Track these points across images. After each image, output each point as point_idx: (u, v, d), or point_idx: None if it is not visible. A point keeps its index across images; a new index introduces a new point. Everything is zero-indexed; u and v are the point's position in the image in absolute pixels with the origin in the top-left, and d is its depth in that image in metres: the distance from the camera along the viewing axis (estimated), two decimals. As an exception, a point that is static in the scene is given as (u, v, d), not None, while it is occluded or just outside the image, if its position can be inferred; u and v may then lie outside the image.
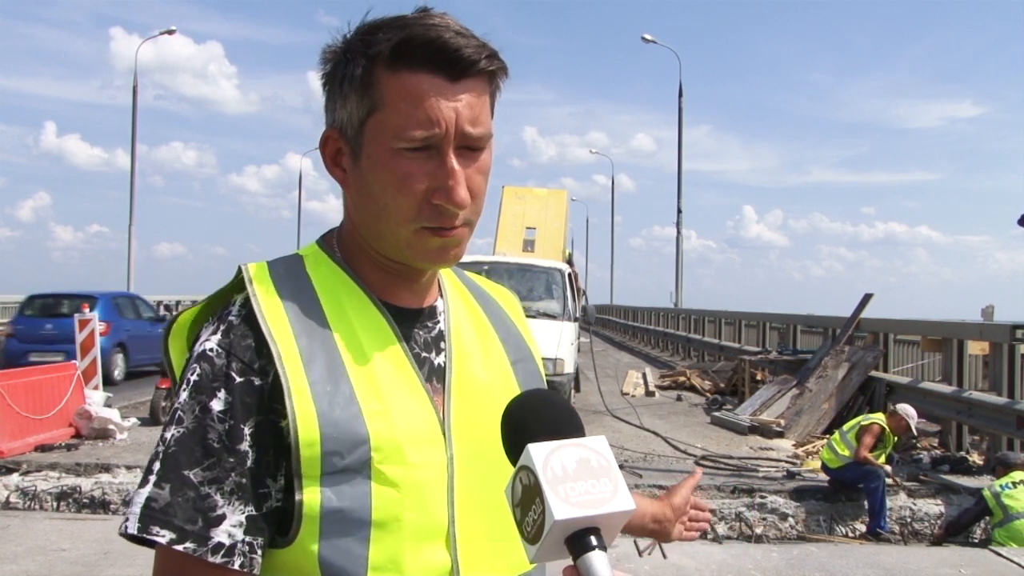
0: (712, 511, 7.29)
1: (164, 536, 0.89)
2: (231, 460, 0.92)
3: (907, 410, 7.86)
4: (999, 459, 7.46)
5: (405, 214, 0.98)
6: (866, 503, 7.42)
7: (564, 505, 0.75)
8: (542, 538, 0.76)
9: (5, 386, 8.19)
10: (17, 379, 8.59)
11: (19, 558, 5.53)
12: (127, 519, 0.91)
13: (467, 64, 0.97)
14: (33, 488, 7.32)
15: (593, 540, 0.76)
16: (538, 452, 0.79)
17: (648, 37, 32.02)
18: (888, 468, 7.55)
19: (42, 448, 8.31)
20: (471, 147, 0.99)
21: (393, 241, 1.01)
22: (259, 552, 0.93)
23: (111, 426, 9.01)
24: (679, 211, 30.90)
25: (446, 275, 1.17)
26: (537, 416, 0.86)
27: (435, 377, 1.05)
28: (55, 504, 7.27)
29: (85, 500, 7.25)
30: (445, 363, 1.06)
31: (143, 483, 0.92)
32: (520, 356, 1.14)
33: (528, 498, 0.78)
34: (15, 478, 7.47)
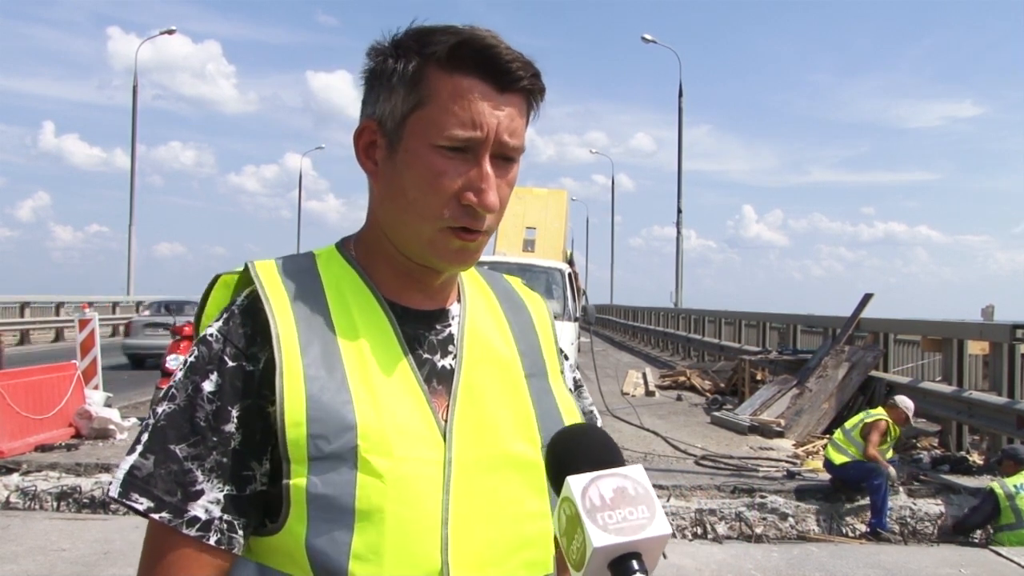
0: (712, 511, 7.29)
1: (142, 504, 0.94)
2: (214, 439, 0.96)
3: (906, 402, 7.86)
4: (1008, 453, 7.32)
5: (432, 211, 1.01)
6: (868, 500, 7.40)
7: (602, 533, 0.79)
8: (585, 565, 0.79)
9: (5, 386, 8.19)
10: (17, 379, 8.58)
11: (19, 558, 5.53)
12: (111, 483, 0.96)
13: (515, 78, 1.01)
14: (33, 488, 7.32)
15: (635, 564, 0.79)
16: (577, 483, 0.83)
17: (648, 37, 32.07)
18: (892, 471, 7.48)
19: (42, 448, 8.30)
20: (505, 158, 1.02)
21: (415, 237, 1.03)
22: (239, 532, 0.97)
23: (111, 426, 9.00)
24: (679, 211, 30.93)
25: (471, 279, 1.19)
26: (577, 449, 0.90)
27: (436, 378, 1.05)
28: (55, 504, 7.27)
29: (85, 500, 7.25)
30: (453, 367, 1.07)
31: (130, 451, 0.97)
32: (534, 371, 1.14)
33: (571, 527, 0.82)
34: (15, 478, 7.46)
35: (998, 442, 8.97)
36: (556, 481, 0.88)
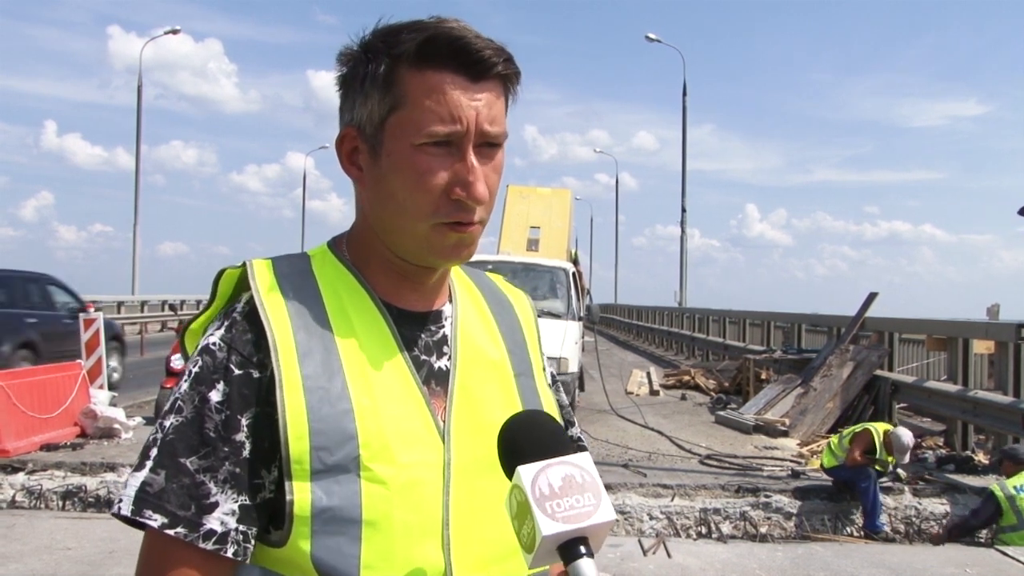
0: (717, 510, 7.28)
1: (156, 520, 0.92)
2: (226, 449, 0.95)
3: (900, 440, 7.39)
4: (1007, 453, 7.24)
5: (424, 209, 1.00)
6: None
7: (550, 522, 0.83)
8: (535, 549, 0.84)
9: (10, 385, 8.20)
10: (22, 378, 8.60)
11: (25, 557, 5.54)
12: (120, 500, 0.94)
13: (488, 66, 1.00)
14: (39, 487, 7.34)
15: (582, 548, 0.84)
16: (527, 472, 0.86)
17: (652, 36, 31.99)
18: (872, 469, 7.34)
19: (47, 447, 8.31)
20: (488, 146, 1.01)
21: (411, 237, 1.03)
22: (252, 542, 0.96)
23: (116, 425, 9.02)
24: (683, 210, 30.86)
25: (459, 279, 1.18)
26: (526, 436, 0.91)
27: (434, 380, 1.05)
28: (60, 503, 7.28)
29: (90, 499, 7.26)
30: (449, 368, 1.07)
31: (139, 467, 0.95)
32: (521, 370, 1.15)
33: (522, 513, 0.86)
34: (21, 477, 7.48)
35: (1003, 441, 8.93)
36: (508, 467, 0.90)
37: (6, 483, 7.40)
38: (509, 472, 0.89)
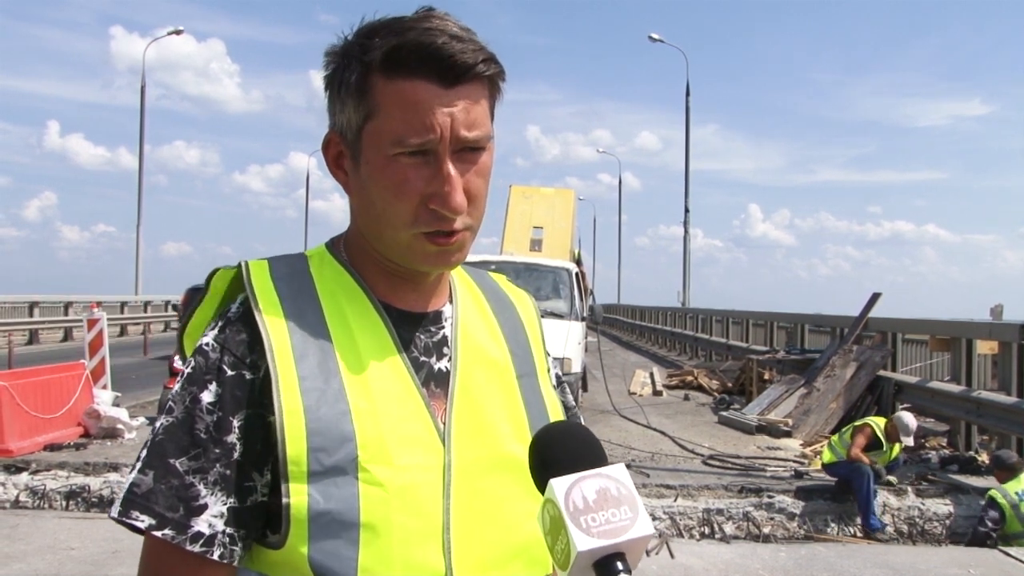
0: (720, 511, 7.28)
1: (143, 521, 0.91)
2: (216, 451, 0.93)
3: (903, 421, 7.62)
4: (996, 462, 7.22)
5: (403, 219, 0.98)
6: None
7: (585, 537, 0.79)
8: (570, 566, 0.80)
9: (14, 386, 8.22)
10: (26, 379, 8.62)
11: (28, 556, 5.56)
12: (113, 502, 0.93)
13: (462, 70, 0.96)
14: (42, 487, 7.35)
15: (619, 565, 0.80)
16: (560, 486, 0.82)
17: (655, 36, 32.01)
18: (869, 467, 7.33)
19: (51, 447, 8.33)
20: (469, 150, 0.99)
21: (393, 244, 1.01)
22: (240, 545, 0.94)
23: (119, 425, 9.03)
24: (687, 210, 30.88)
25: (460, 279, 1.16)
26: (559, 448, 0.88)
27: (434, 382, 1.04)
28: (64, 503, 7.29)
29: (94, 499, 7.27)
30: (449, 369, 1.05)
31: (132, 469, 0.95)
32: (525, 371, 1.13)
33: (555, 528, 0.82)
34: (24, 477, 7.49)
35: (1007, 442, 8.93)
36: (539, 480, 0.87)
37: (10, 483, 7.41)
38: (541, 486, 0.86)
